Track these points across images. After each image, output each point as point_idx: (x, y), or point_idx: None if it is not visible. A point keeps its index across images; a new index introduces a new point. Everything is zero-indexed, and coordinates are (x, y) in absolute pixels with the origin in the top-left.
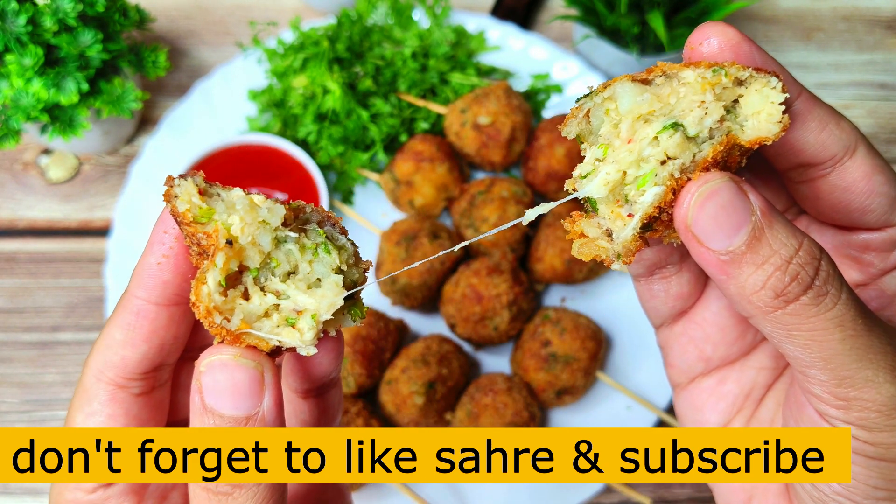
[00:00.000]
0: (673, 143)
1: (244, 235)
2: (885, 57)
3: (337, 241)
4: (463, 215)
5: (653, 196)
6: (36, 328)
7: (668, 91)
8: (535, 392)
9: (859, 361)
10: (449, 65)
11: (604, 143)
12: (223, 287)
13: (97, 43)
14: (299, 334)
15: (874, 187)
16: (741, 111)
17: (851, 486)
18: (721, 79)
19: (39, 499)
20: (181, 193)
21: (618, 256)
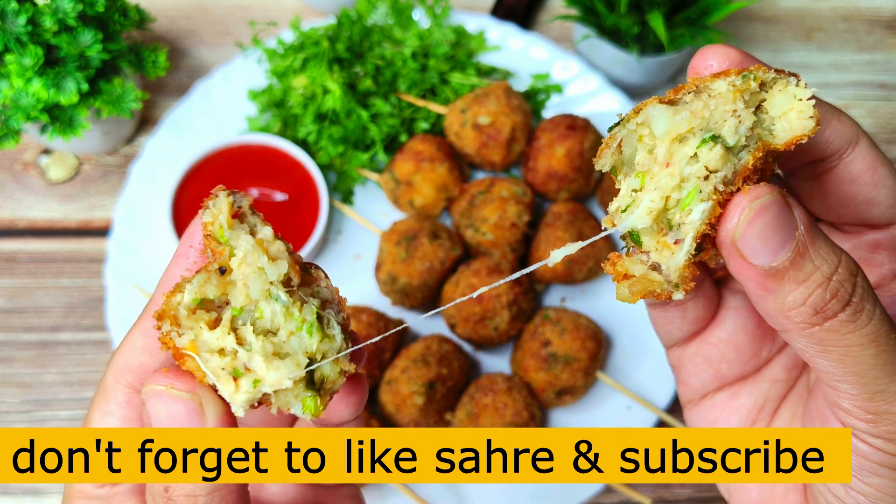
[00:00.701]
0: (714, 156)
1: (237, 270)
2: (886, 57)
3: (328, 329)
4: (463, 215)
5: (701, 213)
6: (36, 328)
7: (700, 105)
8: (536, 392)
9: (892, 376)
10: (449, 65)
11: (640, 170)
12: (194, 305)
13: (97, 43)
14: (233, 389)
15: (879, 179)
16: (767, 116)
17: (877, 496)
18: (750, 83)
19: (39, 499)
20: (214, 206)
21: (675, 286)
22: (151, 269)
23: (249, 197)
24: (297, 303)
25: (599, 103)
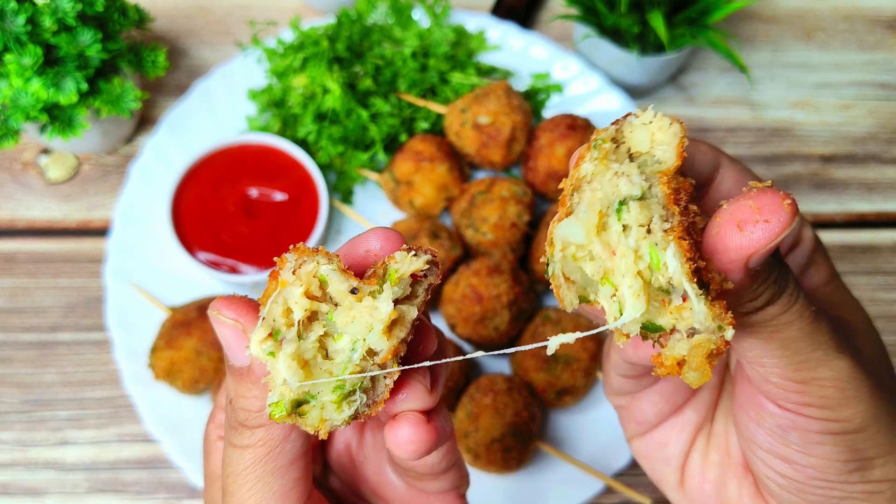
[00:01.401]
0: (636, 212)
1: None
2: (886, 57)
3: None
4: (463, 215)
5: (674, 257)
6: (35, 328)
7: (589, 194)
8: (536, 392)
9: (813, 344)
10: (449, 64)
11: (600, 277)
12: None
13: (96, 42)
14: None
15: None
16: (644, 156)
17: (825, 465)
18: (604, 146)
19: (39, 499)
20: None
21: (720, 328)
22: (151, 269)
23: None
24: (358, 367)
25: (600, 103)
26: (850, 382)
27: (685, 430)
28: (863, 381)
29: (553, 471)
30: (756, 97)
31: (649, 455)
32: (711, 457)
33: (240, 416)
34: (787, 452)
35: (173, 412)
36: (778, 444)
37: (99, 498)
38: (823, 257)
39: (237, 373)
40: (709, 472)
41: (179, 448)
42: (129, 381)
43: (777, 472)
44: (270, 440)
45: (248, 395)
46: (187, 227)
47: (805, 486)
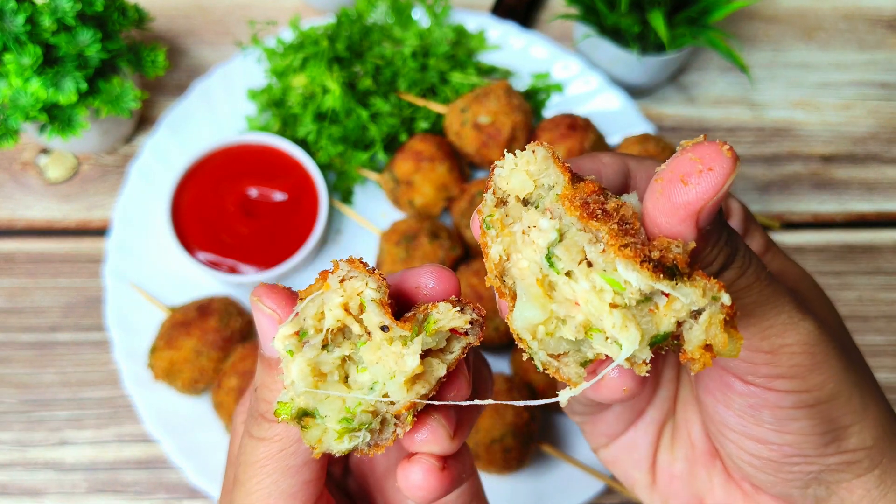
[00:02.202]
0: (566, 256)
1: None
2: (887, 56)
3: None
4: (463, 215)
5: (626, 269)
6: (34, 328)
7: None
8: (536, 392)
9: (776, 307)
10: (449, 64)
11: (582, 334)
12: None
13: (96, 42)
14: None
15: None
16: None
17: (801, 440)
18: (494, 220)
19: (38, 499)
20: (348, 290)
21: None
22: (150, 269)
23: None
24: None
25: (600, 103)
26: (818, 346)
27: (649, 431)
28: (829, 343)
29: (553, 471)
30: (756, 97)
31: (619, 460)
32: (677, 451)
33: (261, 406)
34: (761, 432)
35: (173, 412)
36: (750, 424)
37: (98, 498)
38: (756, 226)
39: (266, 362)
40: (675, 466)
41: (179, 448)
42: (129, 382)
43: (751, 453)
44: (287, 437)
45: (273, 386)
46: (187, 227)
47: (781, 464)
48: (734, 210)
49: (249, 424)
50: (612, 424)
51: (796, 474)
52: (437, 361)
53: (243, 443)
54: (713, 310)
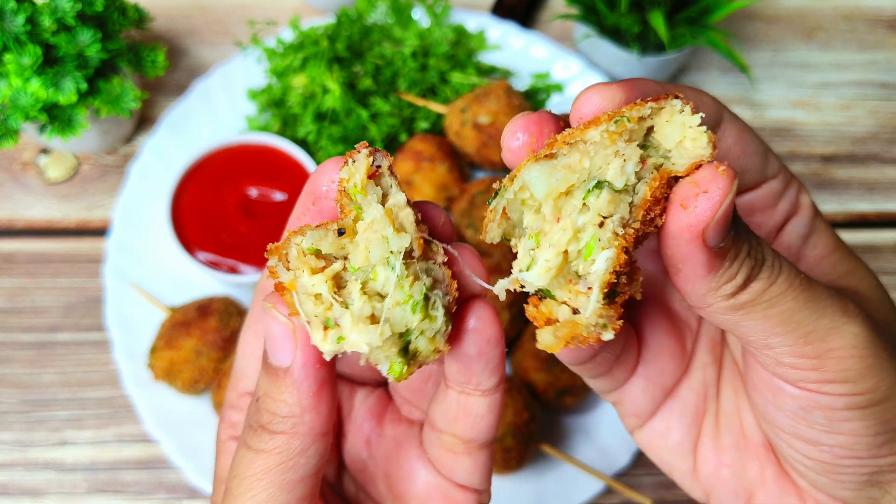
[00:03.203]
0: (603, 202)
1: (362, 234)
2: (887, 56)
3: (433, 310)
4: (463, 215)
5: (605, 261)
6: (34, 328)
7: (576, 158)
8: (536, 393)
9: (815, 312)
10: (449, 64)
11: (532, 233)
12: (309, 252)
13: (96, 42)
14: (321, 337)
15: (746, 147)
16: (660, 143)
17: (854, 441)
18: (625, 125)
19: (38, 499)
20: (354, 165)
21: (604, 327)
22: (150, 269)
23: (389, 158)
24: (409, 276)
25: None
26: (868, 349)
27: (685, 414)
28: (879, 345)
29: (553, 471)
30: (756, 97)
31: (653, 445)
32: (724, 440)
33: (263, 417)
34: (813, 434)
35: (173, 412)
36: (801, 426)
37: (98, 498)
38: (825, 225)
39: (274, 372)
40: (724, 455)
41: (179, 448)
42: (129, 382)
43: (803, 454)
44: (287, 450)
45: (278, 397)
46: (187, 227)
47: (834, 465)
48: (803, 206)
49: (247, 436)
50: (639, 401)
51: (849, 476)
52: (392, 200)
53: (239, 454)
54: (590, 328)
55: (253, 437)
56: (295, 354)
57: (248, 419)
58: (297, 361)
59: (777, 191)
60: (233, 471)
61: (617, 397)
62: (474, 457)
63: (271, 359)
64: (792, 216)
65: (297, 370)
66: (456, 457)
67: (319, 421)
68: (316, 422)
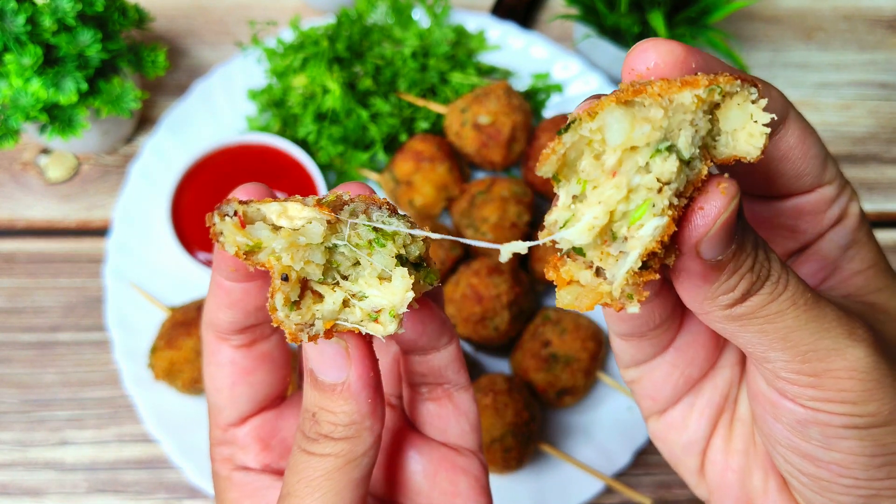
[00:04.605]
0: (670, 168)
1: (296, 264)
2: (887, 56)
3: (389, 225)
4: (463, 215)
5: (654, 229)
6: (34, 328)
7: (660, 114)
8: (536, 392)
9: (816, 333)
10: (449, 64)
11: (583, 178)
12: (296, 301)
13: (96, 42)
14: (382, 328)
15: (807, 149)
16: (718, 125)
17: (850, 460)
18: (714, 96)
19: (39, 499)
20: (226, 234)
21: (629, 297)
22: (150, 269)
23: (234, 202)
24: (352, 233)
25: None
26: (871, 373)
27: (705, 413)
28: (885, 370)
29: (553, 471)
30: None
31: (666, 437)
32: (735, 443)
33: (324, 428)
34: (809, 448)
35: (173, 412)
36: (798, 439)
37: (98, 498)
38: (868, 237)
39: (328, 388)
40: (732, 459)
41: (179, 448)
42: (129, 382)
43: (798, 469)
44: (351, 452)
45: (337, 409)
46: (187, 227)
47: (829, 483)
48: (850, 215)
49: (306, 444)
50: (660, 386)
51: (845, 497)
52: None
53: (300, 459)
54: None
55: (313, 445)
56: (350, 369)
57: (305, 430)
58: (353, 375)
59: (830, 197)
60: (295, 475)
61: (637, 374)
62: (455, 400)
63: (322, 376)
64: (836, 223)
65: (354, 383)
66: (440, 406)
67: (379, 423)
68: (377, 425)
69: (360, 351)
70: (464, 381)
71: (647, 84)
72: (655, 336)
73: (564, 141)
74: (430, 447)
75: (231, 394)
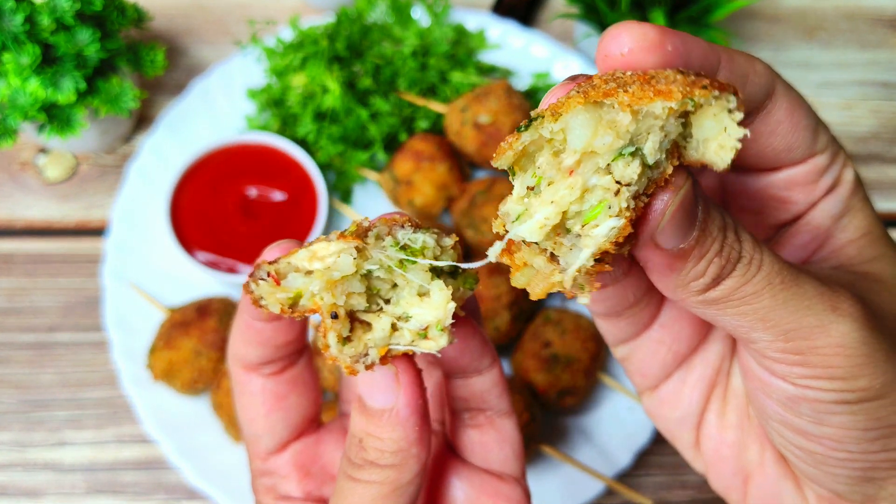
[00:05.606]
0: (632, 172)
1: (338, 298)
2: (888, 56)
3: (415, 244)
4: (463, 215)
5: (609, 230)
6: (33, 328)
7: (627, 120)
8: (537, 393)
9: (797, 311)
10: (449, 63)
11: (539, 174)
12: (347, 336)
13: (95, 41)
14: (434, 345)
15: (797, 122)
16: (691, 129)
17: (843, 434)
18: (687, 106)
19: (37, 500)
20: (266, 297)
21: (581, 288)
22: (149, 270)
23: (264, 263)
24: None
25: None
26: (859, 348)
27: (696, 388)
28: (874, 344)
29: (554, 472)
30: None
31: (659, 413)
32: (729, 417)
33: (371, 455)
34: (800, 424)
35: (172, 413)
36: (789, 415)
37: (97, 499)
38: (862, 205)
39: (376, 414)
40: (727, 433)
41: (178, 449)
42: (128, 382)
43: (793, 444)
44: (398, 479)
45: (384, 436)
46: (186, 227)
47: (825, 457)
48: (843, 182)
49: (353, 471)
50: (648, 362)
51: (842, 470)
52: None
53: (347, 486)
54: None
55: (361, 472)
56: (398, 395)
57: (351, 456)
58: (402, 401)
59: (822, 166)
60: (341, 501)
61: (626, 351)
62: (497, 427)
63: (371, 403)
64: (829, 192)
65: (402, 409)
66: (483, 433)
67: (425, 451)
68: (423, 452)
69: (409, 377)
70: (506, 407)
71: (621, 86)
72: (633, 315)
73: (523, 139)
74: (473, 474)
75: (267, 421)
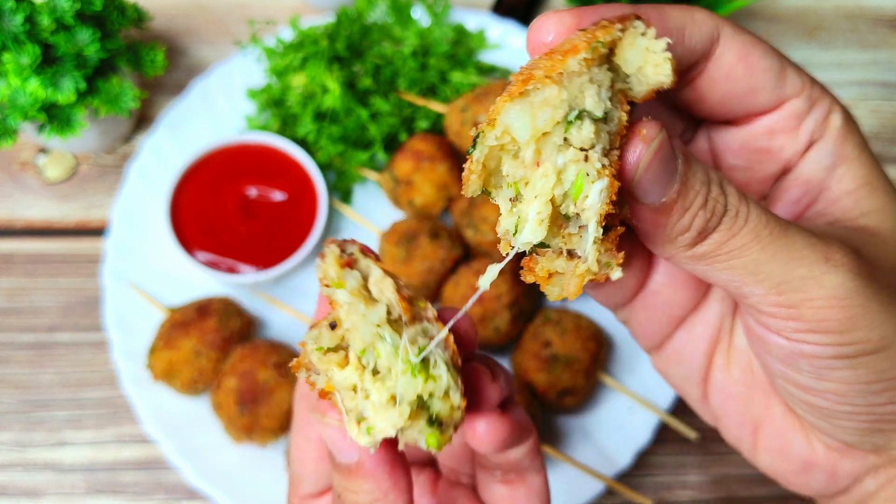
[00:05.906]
0: (587, 133)
1: (346, 319)
2: (889, 56)
3: (434, 369)
4: (463, 215)
5: (599, 194)
6: (33, 328)
7: (554, 91)
8: (536, 393)
9: (787, 263)
10: (449, 63)
11: (512, 181)
12: (325, 349)
13: (95, 41)
14: (356, 433)
15: (753, 63)
16: (620, 67)
17: (845, 388)
18: (600, 50)
19: (37, 500)
20: (328, 259)
21: (608, 265)
22: (149, 269)
23: (354, 244)
24: (407, 343)
25: None
26: (853, 299)
27: (699, 346)
28: (869, 295)
29: (553, 472)
30: None
31: (666, 371)
32: (733, 372)
33: None
34: (802, 379)
35: (172, 413)
36: (790, 371)
37: (97, 499)
38: (858, 153)
39: (345, 469)
40: (732, 388)
41: (178, 449)
42: (128, 382)
43: (799, 399)
44: None
45: (358, 489)
46: (186, 227)
47: (831, 411)
48: (829, 132)
49: None
50: (646, 328)
51: (849, 422)
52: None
53: None
54: (595, 269)
55: None
56: (359, 449)
57: None
58: (364, 454)
59: (799, 111)
60: None
61: (624, 316)
62: (528, 483)
63: (339, 458)
64: (816, 141)
65: (367, 462)
66: (514, 489)
67: (403, 496)
68: (400, 497)
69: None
70: (538, 465)
71: (533, 69)
72: (615, 285)
73: (476, 158)
74: None
75: (316, 468)
